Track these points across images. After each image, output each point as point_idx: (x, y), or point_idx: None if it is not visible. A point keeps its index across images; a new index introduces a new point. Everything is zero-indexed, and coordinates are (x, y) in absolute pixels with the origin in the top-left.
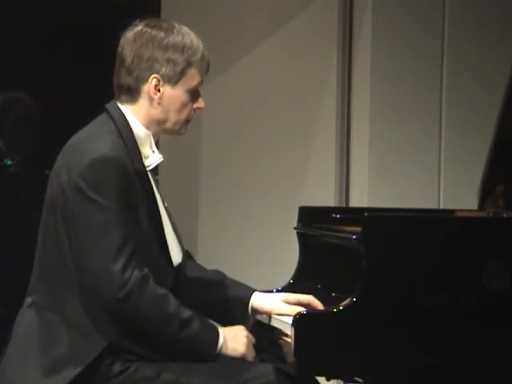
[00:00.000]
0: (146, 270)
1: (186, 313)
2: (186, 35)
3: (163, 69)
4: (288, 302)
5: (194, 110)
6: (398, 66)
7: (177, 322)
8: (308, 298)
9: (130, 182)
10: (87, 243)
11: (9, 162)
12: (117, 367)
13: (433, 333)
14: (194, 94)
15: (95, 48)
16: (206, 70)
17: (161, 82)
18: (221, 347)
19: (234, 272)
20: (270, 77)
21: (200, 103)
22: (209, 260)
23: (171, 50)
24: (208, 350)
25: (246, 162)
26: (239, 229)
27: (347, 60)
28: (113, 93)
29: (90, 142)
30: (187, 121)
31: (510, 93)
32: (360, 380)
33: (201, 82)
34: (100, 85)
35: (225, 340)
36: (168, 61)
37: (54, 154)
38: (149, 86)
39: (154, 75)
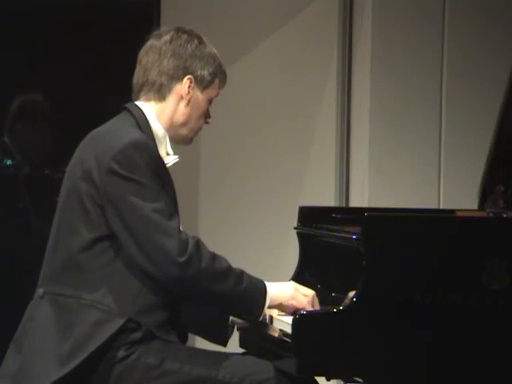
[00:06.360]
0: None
1: (236, 268)
2: (214, 49)
3: (199, 71)
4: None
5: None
6: (398, 66)
7: (233, 277)
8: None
9: (160, 167)
10: (135, 221)
11: (9, 162)
12: (121, 353)
13: (432, 333)
14: (208, 107)
15: (98, 49)
16: (223, 86)
17: (192, 84)
18: (269, 296)
19: None
20: (269, 76)
21: (210, 118)
22: None
23: (207, 55)
24: (258, 300)
25: (246, 162)
26: (239, 228)
27: (347, 60)
28: (121, 94)
29: (117, 131)
30: (198, 131)
31: (510, 93)
32: (360, 380)
33: (216, 96)
34: (108, 86)
35: (271, 290)
36: (204, 64)
37: (55, 155)
38: (182, 86)
39: (188, 76)
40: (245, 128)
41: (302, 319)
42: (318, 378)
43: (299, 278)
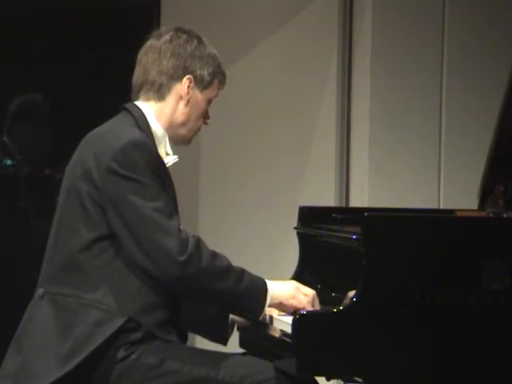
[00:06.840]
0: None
1: (236, 266)
2: (214, 49)
3: (198, 71)
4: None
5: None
6: (398, 66)
7: (233, 275)
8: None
9: (160, 166)
10: (135, 220)
11: (9, 162)
12: (121, 352)
13: (432, 333)
14: (207, 108)
15: (98, 49)
16: (222, 86)
17: (192, 84)
18: (269, 294)
19: None
20: (269, 76)
21: (208, 119)
22: None
23: (206, 55)
24: (259, 298)
25: (246, 162)
26: (239, 228)
27: (347, 60)
28: (121, 94)
29: (117, 131)
30: (197, 131)
31: (510, 93)
32: (360, 380)
33: (215, 96)
34: (108, 86)
35: (272, 288)
36: (203, 64)
37: (55, 155)
38: (182, 86)
39: (188, 76)
40: (245, 128)
41: (302, 319)
42: (318, 378)
43: (299, 277)
